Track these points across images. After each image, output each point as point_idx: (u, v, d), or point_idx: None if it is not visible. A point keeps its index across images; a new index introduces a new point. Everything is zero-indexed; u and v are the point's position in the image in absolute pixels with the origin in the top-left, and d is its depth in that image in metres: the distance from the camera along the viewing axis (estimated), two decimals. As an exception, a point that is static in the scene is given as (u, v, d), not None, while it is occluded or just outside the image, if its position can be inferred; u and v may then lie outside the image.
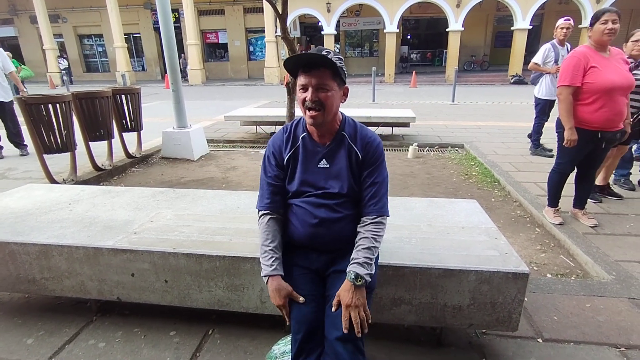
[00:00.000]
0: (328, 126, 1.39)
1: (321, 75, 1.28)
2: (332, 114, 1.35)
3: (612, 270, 2.39)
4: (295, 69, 1.33)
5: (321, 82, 1.28)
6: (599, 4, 15.67)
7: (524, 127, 6.91)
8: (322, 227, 1.39)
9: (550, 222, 3.07)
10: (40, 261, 1.86)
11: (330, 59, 1.25)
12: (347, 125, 1.44)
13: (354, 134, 1.42)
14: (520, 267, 1.57)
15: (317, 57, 1.25)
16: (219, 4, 21.82)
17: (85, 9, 22.81)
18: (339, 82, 1.33)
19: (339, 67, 1.28)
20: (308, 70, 1.28)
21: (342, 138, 1.42)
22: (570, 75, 2.65)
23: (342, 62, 1.32)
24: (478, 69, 21.52)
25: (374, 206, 1.38)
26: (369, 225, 1.36)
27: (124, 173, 4.87)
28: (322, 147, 1.42)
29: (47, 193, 2.50)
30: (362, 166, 1.41)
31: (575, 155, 2.87)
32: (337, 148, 1.41)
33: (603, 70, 2.59)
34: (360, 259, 1.29)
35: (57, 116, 3.85)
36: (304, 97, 1.30)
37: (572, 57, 2.68)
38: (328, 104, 1.30)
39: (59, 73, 20.47)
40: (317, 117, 1.31)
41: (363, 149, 1.40)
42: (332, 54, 1.27)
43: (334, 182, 1.40)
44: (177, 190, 2.54)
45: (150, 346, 1.81)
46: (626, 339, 1.83)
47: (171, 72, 5.23)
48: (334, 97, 1.32)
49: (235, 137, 6.72)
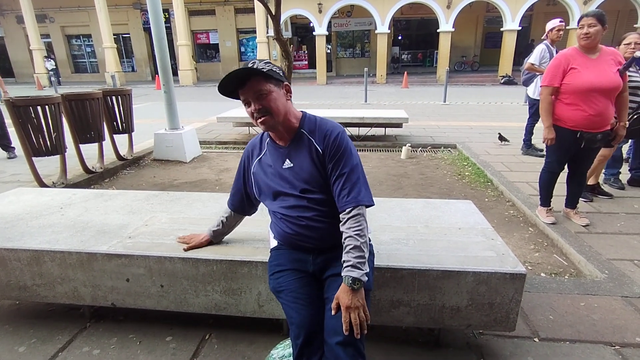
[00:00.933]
0: (285, 127, 1.41)
1: (254, 84, 1.31)
2: (282, 113, 1.36)
3: (605, 269, 2.43)
4: (233, 92, 1.36)
5: (257, 90, 1.31)
6: (586, 6, 15.94)
7: (515, 127, 6.99)
8: (304, 227, 1.41)
9: (543, 222, 3.10)
10: (32, 267, 1.82)
11: (253, 68, 1.29)
12: (306, 122, 1.45)
13: (313, 129, 1.43)
14: (517, 268, 1.58)
15: (242, 72, 1.29)
16: (210, 4, 21.69)
17: (73, 8, 22.49)
18: (275, 82, 1.35)
19: (266, 71, 1.30)
20: (242, 86, 1.32)
21: (301, 135, 1.43)
22: (549, 76, 2.76)
23: (270, 64, 1.35)
24: (468, 69, 21.72)
25: (346, 197, 1.33)
26: (348, 221, 1.32)
27: (115, 175, 4.80)
28: (284, 148, 1.45)
29: (37, 197, 2.45)
30: (324, 159, 1.39)
31: (561, 155, 2.94)
32: (297, 146, 1.42)
33: (582, 72, 2.65)
34: (352, 261, 1.27)
35: (47, 118, 3.77)
36: (251, 110, 1.35)
37: (555, 59, 2.79)
38: (272, 107, 1.33)
39: (46, 74, 20.14)
40: (267, 120, 1.34)
41: (322, 141, 1.39)
42: (257, 63, 1.31)
43: (299, 180, 1.41)
44: (172, 193, 2.51)
45: (146, 352, 1.78)
46: (620, 336, 1.85)
47: (163, 73, 5.18)
48: (277, 98, 1.34)
49: (227, 138, 6.68)
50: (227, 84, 1.31)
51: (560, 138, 2.83)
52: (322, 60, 18.89)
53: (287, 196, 1.43)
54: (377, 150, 5.90)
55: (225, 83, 1.30)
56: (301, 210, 1.40)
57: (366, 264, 1.30)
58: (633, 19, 16.53)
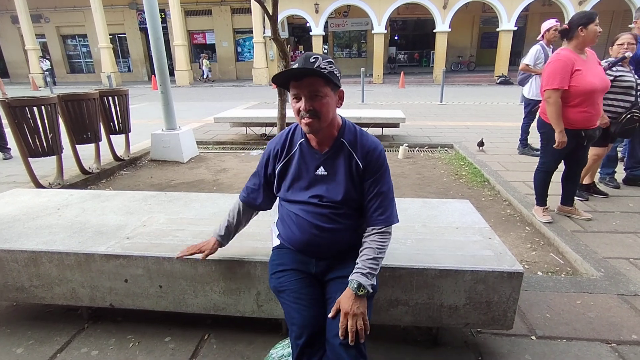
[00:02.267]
0: (326, 132, 1.35)
1: (312, 83, 1.24)
2: (329, 119, 1.31)
3: (601, 267, 2.45)
4: (286, 82, 1.30)
5: (313, 90, 1.24)
6: (581, 6, 16.04)
7: (511, 126, 7.04)
8: (320, 235, 1.38)
9: (539, 221, 3.12)
10: (29, 268, 1.81)
11: (318, 70, 1.22)
12: (347, 132, 1.39)
13: (354, 141, 1.38)
14: (514, 267, 1.59)
15: (306, 70, 1.22)
16: (206, 4, 21.65)
17: (69, 8, 22.39)
18: (333, 87, 1.29)
19: (328, 73, 1.24)
20: (299, 79, 1.25)
21: (341, 145, 1.38)
22: (559, 79, 2.68)
23: (332, 65, 1.27)
24: (465, 69, 21.82)
25: (380, 216, 1.35)
26: (375, 235, 1.35)
27: (112, 176, 4.78)
28: (320, 154, 1.39)
29: (34, 198, 2.44)
30: (363, 175, 1.37)
31: (559, 155, 2.95)
32: (336, 155, 1.38)
33: (586, 74, 2.66)
34: (365, 269, 1.28)
35: (43, 119, 3.76)
36: (298, 106, 1.28)
37: (559, 61, 2.70)
38: (323, 111, 1.27)
39: (41, 74, 20.02)
40: (313, 124, 1.27)
41: (364, 157, 1.36)
42: (320, 60, 1.24)
43: (332, 190, 1.37)
44: (169, 193, 2.50)
45: (145, 353, 1.78)
46: (616, 334, 1.87)
47: (159, 73, 5.17)
48: (329, 104, 1.28)
49: (225, 138, 6.67)
50: (286, 76, 1.26)
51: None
52: (319, 61, 18.88)
53: (311, 202, 1.39)
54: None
55: (284, 73, 1.26)
56: (321, 220, 1.37)
57: (375, 278, 1.30)
58: (628, 19, 16.61)
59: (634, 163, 3.83)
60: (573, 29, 2.69)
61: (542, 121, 2.93)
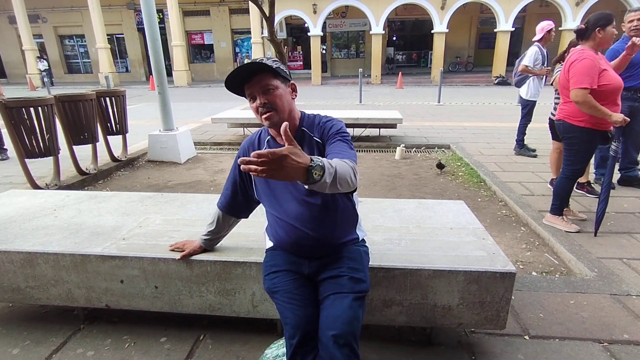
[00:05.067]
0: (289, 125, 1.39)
1: (262, 79, 1.31)
2: (286, 111, 1.36)
3: (595, 267, 2.47)
4: (239, 87, 1.35)
5: (264, 85, 1.31)
6: (578, 7, 16.11)
7: (508, 127, 7.06)
8: (305, 233, 1.39)
9: (566, 231, 2.96)
10: (25, 269, 1.82)
11: (263, 63, 1.28)
12: (305, 120, 1.46)
13: (311, 125, 1.45)
14: (507, 267, 1.60)
15: (252, 66, 1.28)
16: (204, 4, 21.64)
17: (66, 8, 22.34)
18: (282, 80, 1.36)
19: (275, 67, 1.31)
20: (249, 80, 1.31)
21: (302, 133, 1.43)
22: (589, 78, 2.56)
23: (277, 62, 1.35)
24: (463, 70, 21.87)
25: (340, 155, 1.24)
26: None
27: (109, 177, 4.79)
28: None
29: (30, 199, 2.45)
30: (323, 147, 1.40)
31: (587, 157, 2.83)
32: (301, 144, 1.40)
33: (609, 72, 2.61)
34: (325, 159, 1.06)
35: (39, 120, 3.76)
36: (256, 105, 1.34)
37: (587, 60, 2.57)
38: (278, 103, 1.33)
39: (39, 74, 19.98)
40: (272, 116, 1.33)
41: (320, 133, 1.42)
42: (265, 60, 1.31)
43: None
44: (166, 194, 2.51)
45: (140, 353, 1.79)
46: (609, 334, 1.89)
47: (157, 74, 5.17)
48: (282, 95, 1.34)
49: (222, 139, 6.67)
50: (234, 78, 1.31)
51: (592, 141, 2.75)
52: (317, 61, 18.92)
53: (288, 198, 1.41)
54: (372, 150, 5.93)
55: (232, 77, 1.30)
56: (304, 217, 1.39)
57: (330, 176, 1.04)
58: (624, 20, 16.72)
59: (628, 164, 3.86)
60: (590, 30, 2.63)
61: (569, 125, 2.77)
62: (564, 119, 2.80)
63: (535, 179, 4.25)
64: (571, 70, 2.66)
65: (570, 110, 2.75)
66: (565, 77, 2.74)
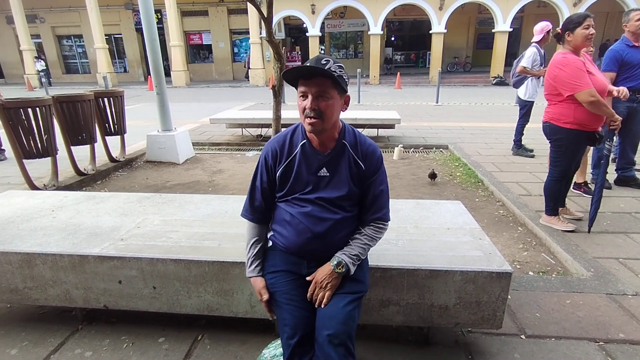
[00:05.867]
0: (328, 134, 1.37)
1: (321, 83, 1.26)
2: (332, 122, 1.33)
3: (591, 267, 2.48)
4: (295, 79, 1.31)
5: (321, 91, 1.26)
6: (576, 8, 16.15)
7: (506, 127, 7.08)
8: (318, 239, 1.39)
9: (561, 230, 2.98)
10: (23, 270, 1.82)
11: (329, 71, 1.24)
12: (347, 134, 1.43)
13: (354, 143, 1.42)
14: (503, 267, 1.61)
15: (317, 70, 1.24)
16: (203, 5, 21.62)
17: (64, 9, 22.29)
18: (340, 90, 1.31)
19: (337, 76, 1.26)
20: (308, 78, 1.27)
21: (343, 147, 1.41)
22: (583, 80, 2.56)
23: (342, 70, 1.30)
24: (461, 70, 21.89)
25: (377, 213, 1.44)
26: (372, 226, 1.44)
27: (107, 177, 4.78)
28: (323, 155, 1.40)
29: (28, 200, 2.45)
30: (363, 176, 1.42)
31: (573, 159, 2.85)
32: (338, 157, 1.40)
33: (596, 76, 2.63)
34: (351, 251, 1.37)
35: (37, 120, 3.76)
36: (304, 105, 1.29)
37: (570, 65, 2.59)
38: (328, 113, 1.29)
39: (36, 75, 19.93)
40: (316, 124, 1.29)
41: (364, 158, 1.41)
42: (331, 63, 1.26)
43: (333, 190, 1.39)
44: (164, 195, 2.52)
45: (138, 353, 1.79)
46: (604, 333, 1.90)
47: (155, 74, 5.17)
48: (334, 106, 1.30)
49: (221, 139, 6.67)
50: (297, 73, 1.28)
51: (578, 142, 2.77)
52: (316, 61, 18.90)
53: (310, 203, 1.39)
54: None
55: (295, 72, 1.28)
56: (319, 223, 1.38)
57: (356, 266, 1.38)
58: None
59: (624, 164, 3.88)
60: (562, 34, 2.68)
61: (555, 127, 2.78)
62: (550, 121, 2.82)
63: (533, 179, 4.27)
64: (559, 79, 2.66)
65: (557, 112, 2.77)
66: (550, 82, 2.74)
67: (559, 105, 2.74)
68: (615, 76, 3.47)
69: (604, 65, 3.49)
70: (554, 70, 2.69)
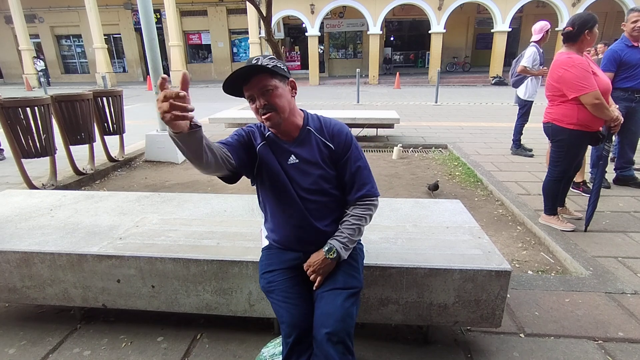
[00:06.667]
0: (289, 123, 1.39)
1: (260, 80, 1.29)
2: (287, 110, 1.34)
3: (590, 266, 2.48)
4: (237, 89, 1.34)
5: (263, 86, 1.29)
6: (574, 8, 16.18)
7: (505, 127, 7.09)
8: (304, 228, 1.41)
9: (561, 230, 2.97)
10: (21, 269, 1.82)
11: (259, 65, 1.26)
12: (310, 120, 1.45)
13: (319, 127, 1.44)
14: (502, 265, 1.61)
15: (248, 70, 1.26)
16: (202, 4, 21.62)
17: (63, 8, 22.28)
18: (280, 78, 1.33)
19: (271, 67, 1.28)
20: (247, 82, 1.30)
21: (308, 132, 1.42)
22: (589, 82, 2.54)
23: (274, 60, 1.32)
24: (460, 70, 21.92)
25: (360, 191, 1.41)
26: (358, 205, 1.42)
27: (106, 177, 4.78)
28: (289, 143, 1.42)
29: (26, 199, 2.44)
30: (334, 157, 1.41)
31: (574, 159, 2.85)
32: (305, 142, 1.41)
33: (600, 76, 2.63)
34: (341, 235, 1.38)
35: (36, 120, 3.75)
36: (255, 106, 1.32)
37: (577, 67, 2.56)
38: (278, 103, 1.31)
39: (35, 74, 19.91)
40: (272, 117, 1.31)
41: (332, 139, 1.41)
42: (261, 59, 1.29)
43: (307, 176, 1.40)
44: (163, 194, 2.51)
45: (137, 353, 1.79)
46: (603, 331, 1.90)
47: (154, 74, 5.16)
48: (282, 94, 1.32)
49: (220, 139, 6.64)
50: (232, 81, 1.29)
51: (580, 143, 2.77)
52: (315, 61, 18.93)
53: (289, 193, 1.40)
54: (369, 150, 5.94)
55: (230, 81, 1.29)
56: (303, 210, 1.39)
57: (350, 250, 1.40)
58: (621, 20, 16.79)
59: (623, 163, 3.88)
60: (580, 32, 2.61)
61: (558, 128, 2.77)
62: (553, 121, 2.81)
63: (532, 178, 4.27)
64: (564, 80, 2.63)
65: (560, 113, 2.75)
66: (553, 83, 2.73)
67: (562, 106, 2.72)
68: (613, 76, 3.47)
69: (602, 65, 3.49)
70: (559, 70, 2.66)
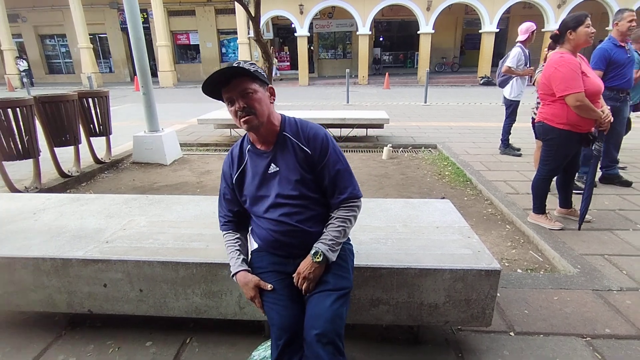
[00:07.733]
0: (267, 129, 1.40)
1: (240, 82, 1.30)
2: (265, 114, 1.36)
3: (578, 264, 2.52)
4: (216, 91, 1.34)
5: (243, 89, 1.30)
6: (560, 9, 16.47)
7: (493, 127, 7.17)
8: (288, 233, 1.40)
9: (549, 229, 3.00)
10: (3, 275, 1.76)
11: (241, 67, 1.27)
12: (287, 125, 1.45)
13: (296, 132, 1.43)
14: (492, 265, 1.62)
15: (230, 71, 1.27)
16: (190, 4, 21.40)
17: (47, 7, 21.82)
18: (260, 83, 1.35)
19: (252, 71, 1.30)
20: (226, 84, 1.30)
21: (284, 138, 1.42)
22: (576, 82, 2.56)
23: (255, 66, 1.35)
24: (449, 70, 22.13)
25: (342, 194, 1.41)
26: (342, 208, 1.42)
27: (92, 179, 4.69)
28: (268, 152, 1.43)
29: (8, 202, 2.38)
30: (311, 161, 1.41)
31: (564, 159, 2.88)
32: (282, 149, 1.42)
33: (591, 76, 2.65)
34: (326, 239, 1.37)
35: (18, 121, 3.66)
36: (234, 109, 1.33)
37: (567, 65, 2.59)
38: (257, 106, 1.32)
39: (18, 75, 19.47)
40: (250, 120, 1.32)
41: (308, 143, 1.41)
42: (242, 63, 1.30)
43: (286, 184, 1.40)
44: (151, 196, 2.47)
45: (125, 358, 1.75)
46: (591, 328, 1.93)
47: (141, 74, 5.09)
48: (261, 99, 1.34)
49: (209, 140, 6.61)
50: (212, 82, 1.29)
51: (570, 143, 2.79)
52: (304, 62, 18.89)
53: (270, 201, 1.41)
54: (359, 151, 5.95)
55: (210, 82, 1.29)
56: (285, 217, 1.39)
57: (337, 251, 1.39)
58: (605, 22, 17.16)
59: (609, 162, 3.95)
60: (563, 33, 2.66)
61: (548, 127, 2.80)
62: (544, 121, 2.84)
63: (520, 177, 4.32)
64: (554, 78, 2.67)
65: (550, 112, 2.79)
66: (545, 82, 2.76)
67: (553, 106, 2.76)
68: (602, 74, 3.52)
69: (592, 64, 3.52)
70: (549, 69, 2.70)
